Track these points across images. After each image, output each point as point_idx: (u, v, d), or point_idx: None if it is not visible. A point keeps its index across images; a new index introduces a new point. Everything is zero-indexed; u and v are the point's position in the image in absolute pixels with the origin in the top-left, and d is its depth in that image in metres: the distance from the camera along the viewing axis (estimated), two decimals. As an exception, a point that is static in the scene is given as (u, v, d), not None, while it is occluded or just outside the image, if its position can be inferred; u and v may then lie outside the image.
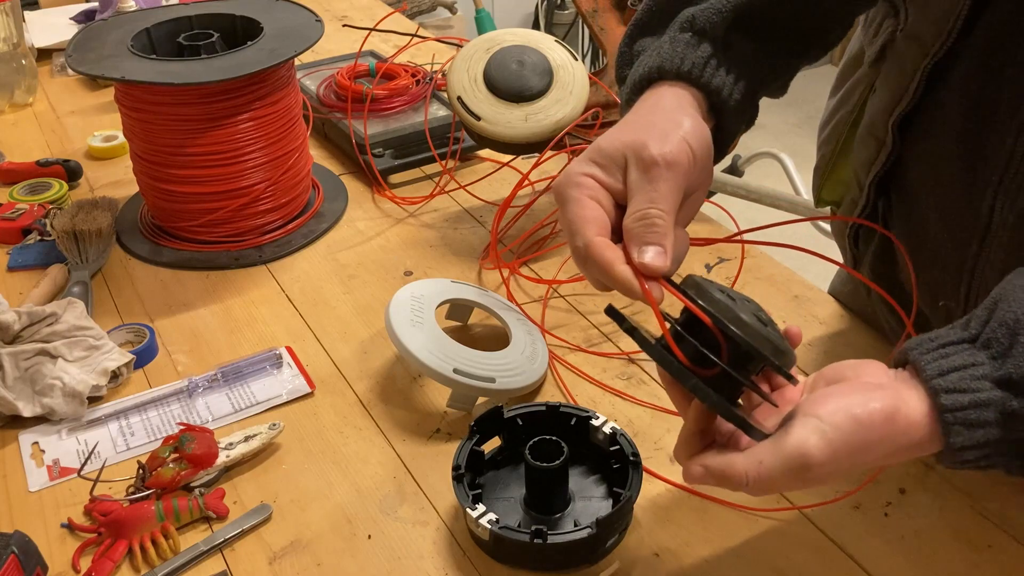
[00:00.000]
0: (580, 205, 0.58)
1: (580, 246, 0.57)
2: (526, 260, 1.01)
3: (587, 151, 0.61)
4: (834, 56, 4.01)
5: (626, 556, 0.68)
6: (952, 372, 0.52)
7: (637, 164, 0.58)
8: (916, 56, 0.71)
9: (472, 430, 0.73)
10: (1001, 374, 0.52)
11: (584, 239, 0.57)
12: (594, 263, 0.57)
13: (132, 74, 0.95)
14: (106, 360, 0.84)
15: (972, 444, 0.52)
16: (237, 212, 1.04)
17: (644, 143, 0.58)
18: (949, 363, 0.53)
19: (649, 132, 0.59)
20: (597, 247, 0.56)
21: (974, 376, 0.52)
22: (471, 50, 1.04)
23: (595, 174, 0.59)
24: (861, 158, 0.81)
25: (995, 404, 0.51)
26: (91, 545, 0.70)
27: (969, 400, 0.51)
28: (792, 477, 0.52)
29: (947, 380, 0.52)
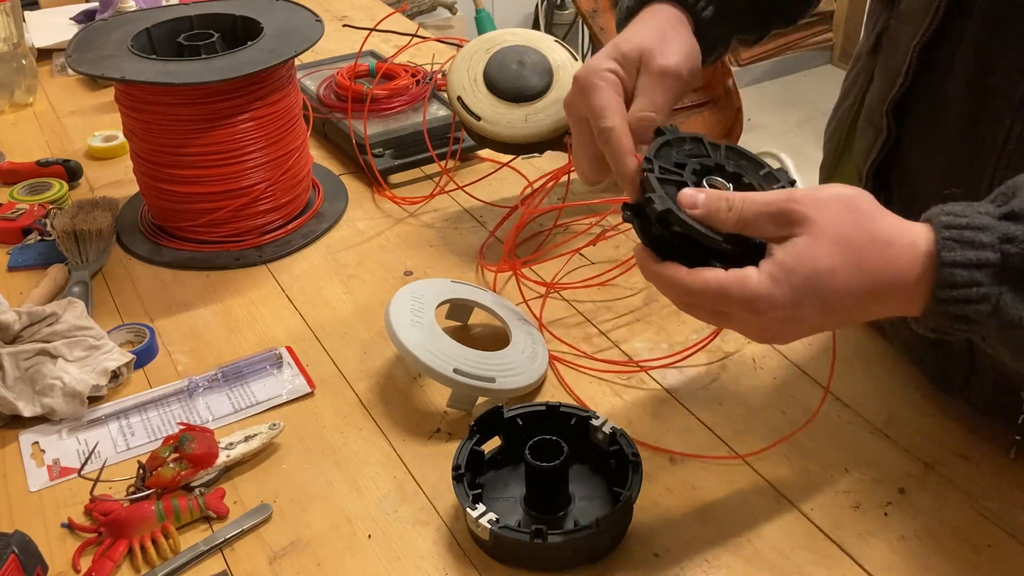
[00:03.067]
0: (607, 93, 0.68)
1: (607, 127, 0.66)
2: (527, 261, 1.01)
3: (607, 48, 0.71)
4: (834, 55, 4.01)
5: (626, 556, 0.68)
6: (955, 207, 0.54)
7: (647, 69, 0.69)
8: (908, 37, 0.72)
9: (472, 430, 0.73)
10: (1004, 210, 0.53)
11: (612, 122, 0.66)
12: (615, 146, 0.66)
13: (132, 74, 0.95)
14: (106, 360, 0.84)
15: (965, 261, 0.52)
16: (237, 212, 1.04)
17: (655, 51, 0.69)
18: (955, 207, 0.55)
19: (660, 43, 0.70)
20: (621, 133, 0.66)
21: (977, 210, 0.54)
22: (471, 50, 1.04)
23: (616, 70, 0.69)
24: (860, 148, 0.81)
25: (993, 228, 0.52)
26: (91, 545, 0.70)
27: (967, 222, 0.53)
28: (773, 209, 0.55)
29: (949, 207, 0.54)
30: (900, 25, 0.75)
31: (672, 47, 0.70)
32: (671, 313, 0.93)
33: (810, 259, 0.54)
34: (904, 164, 0.77)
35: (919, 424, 0.78)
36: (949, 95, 0.70)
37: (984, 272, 0.52)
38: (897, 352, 0.85)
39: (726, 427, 0.79)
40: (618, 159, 0.66)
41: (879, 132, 0.77)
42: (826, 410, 0.80)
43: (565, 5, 3.73)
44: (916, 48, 0.71)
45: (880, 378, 0.83)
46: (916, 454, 0.76)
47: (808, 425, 0.78)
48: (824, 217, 0.54)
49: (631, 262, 0.99)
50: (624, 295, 0.97)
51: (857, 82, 0.85)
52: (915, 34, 0.71)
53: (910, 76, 0.72)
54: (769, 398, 0.82)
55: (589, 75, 0.69)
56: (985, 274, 0.52)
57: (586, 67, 0.70)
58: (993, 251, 0.52)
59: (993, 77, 0.66)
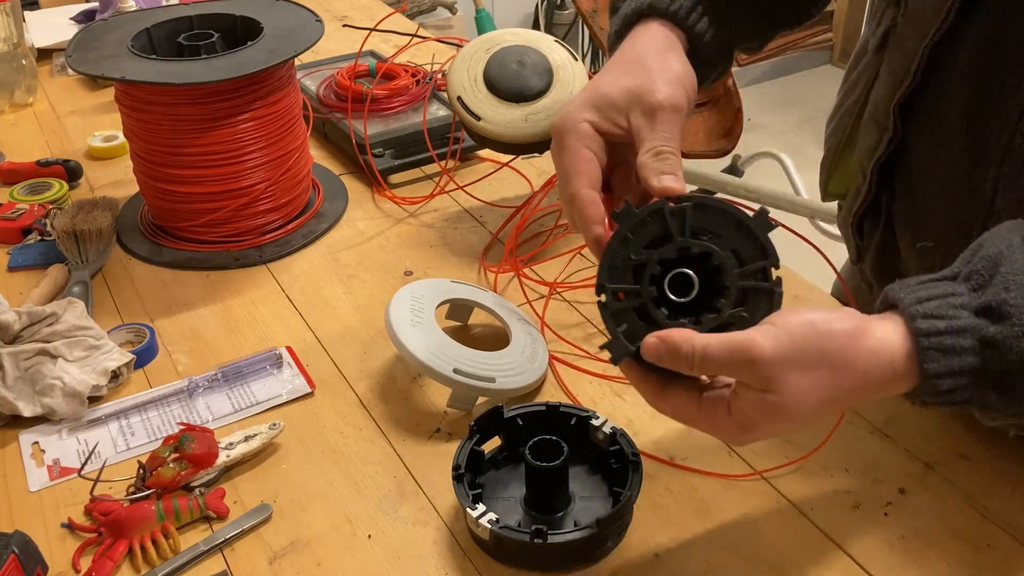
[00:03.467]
0: (577, 155, 0.63)
1: (569, 193, 0.62)
2: (528, 260, 1.01)
3: (587, 93, 0.65)
4: (834, 55, 4.01)
5: (626, 556, 0.68)
6: (930, 300, 0.53)
7: (642, 110, 0.63)
8: (917, 38, 0.72)
9: (472, 430, 0.73)
10: (980, 303, 0.52)
11: (574, 187, 0.62)
12: (577, 214, 0.62)
13: (132, 74, 0.95)
14: (106, 360, 0.84)
15: (947, 371, 0.51)
16: (237, 212, 1.04)
17: (649, 89, 0.63)
18: (928, 293, 0.53)
19: (649, 77, 0.64)
20: (583, 200, 0.62)
21: (952, 304, 0.52)
22: (471, 50, 1.04)
23: (594, 121, 0.64)
24: (864, 145, 0.81)
25: (972, 330, 0.51)
26: (91, 545, 0.70)
27: (946, 326, 0.52)
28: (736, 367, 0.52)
29: (924, 307, 0.52)
30: (908, 24, 0.75)
31: (665, 77, 0.64)
32: (671, 313, 0.93)
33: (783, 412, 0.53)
34: (909, 162, 0.77)
35: (919, 424, 0.78)
36: (955, 94, 0.70)
37: (967, 376, 0.52)
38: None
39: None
40: (584, 228, 0.62)
41: (884, 130, 0.76)
42: (826, 410, 0.80)
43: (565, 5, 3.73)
44: (926, 49, 0.71)
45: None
46: (916, 454, 0.76)
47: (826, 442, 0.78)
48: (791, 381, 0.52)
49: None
50: (624, 295, 0.96)
51: (861, 79, 0.85)
52: (925, 34, 0.70)
53: (919, 76, 0.72)
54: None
55: (561, 129, 0.64)
56: (968, 377, 0.52)
57: (561, 117, 0.64)
58: (974, 355, 0.51)
59: (1000, 78, 0.66)
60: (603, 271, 0.58)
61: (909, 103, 0.74)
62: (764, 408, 0.53)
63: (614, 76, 0.65)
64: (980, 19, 0.67)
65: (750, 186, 2.33)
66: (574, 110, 0.64)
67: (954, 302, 0.52)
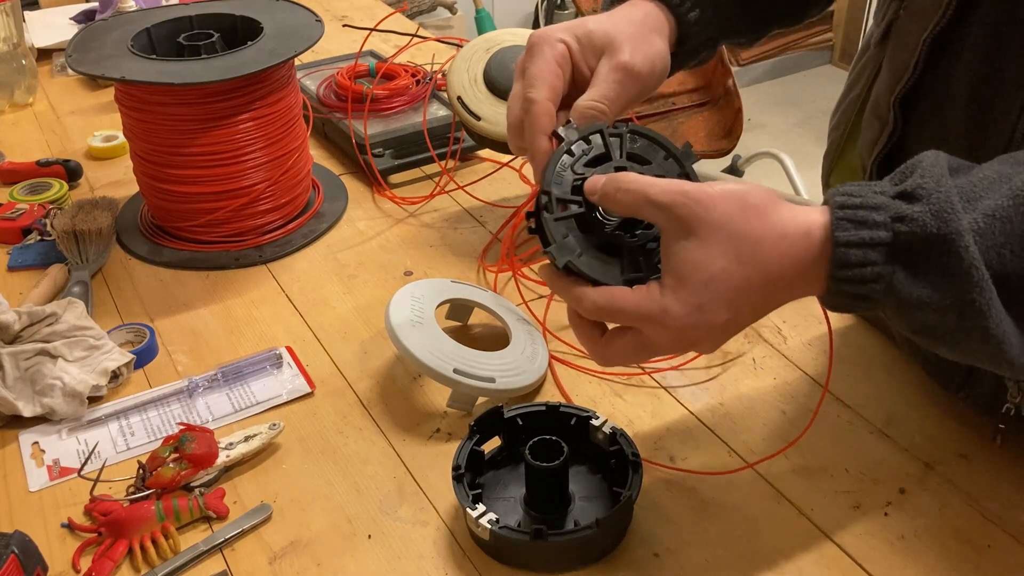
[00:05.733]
0: (547, 64, 0.64)
1: (530, 97, 0.63)
2: (527, 259, 1.01)
3: (574, 23, 0.67)
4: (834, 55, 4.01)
5: (626, 556, 0.68)
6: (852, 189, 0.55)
7: (608, 60, 0.65)
8: (917, 31, 0.72)
9: (472, 430, 0.73)
10: (897, 190, 0.54)
11: (537, 94, 0.63)
12: (532, 120, 0.63)
13: (132, 74, 0.95)
14: (106, 360, 0.84)
15: (858, 241, 0.52)
16: (237, 212, 1.04)
17: (623, 44, 0.65)
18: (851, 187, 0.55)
19: (630, 37, 0.66)
20: (541, 109, 0.63)
21: (872, 190, 0.54)
22: (471, 50, 1.04)
23: (571, 45, 0.66)
24: (866, 139, 0.81)
25: (886, 208, 0.53)
26: (91, 545, 0.70)
27: (861, 201, 0.53)
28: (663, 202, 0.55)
29: (845, 188, 0.55)
30: (910, 18, 0.75)
31: (642, 47, 0.67)
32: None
33: (704, 264, 0.54)
34: (909, 157, 0.77)
35: (919, 424, 0.78)
36: (956, 89, 0.70)
37: (877, 251, 0.53)
38: (897, 351, 0.85)
39: (726, 427, 0.79)
40: (532, 136, 0.63)
41: (885, 124, 0.77)
42: (826, 410, 0.80)
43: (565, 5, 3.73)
44: (926, 42, 0.71)
45: (880, 378, 0.83)
46: (916, 454, 0.76)
47: (809, 427, 0.78)
48: (714, 217, 0.54)
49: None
50: (624, 295, 0.96)
51: (864, 73, 0.85)
52: (925, 27, 0.70)
53: (919, 69, 0.72)
54: (769, 398, 0.82)
55: (539, 39, 0.66)
56: (878, 253, 0.53)
57: (542, 31, 0.66)
58: (885, 230, 0.52)
59: (1000, 72, 0.66)
60: (548, 178, 0.61)
61: (910, 97, 0.74)
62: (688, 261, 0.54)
63: (601, 19, 0.68)
64: (981, 13, 0.67)
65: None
66: (555, 28, 0.66)
67: (874, 188, 0.54)
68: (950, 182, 0.53)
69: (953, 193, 0.52)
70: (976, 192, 0.53)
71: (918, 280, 0.52)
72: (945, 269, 0.51)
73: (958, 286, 0.51)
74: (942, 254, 0.51)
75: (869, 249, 0.53)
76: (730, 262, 0.54)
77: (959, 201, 0.52)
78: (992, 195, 0.52)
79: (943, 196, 0.52)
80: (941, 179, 0.53)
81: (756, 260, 0.54)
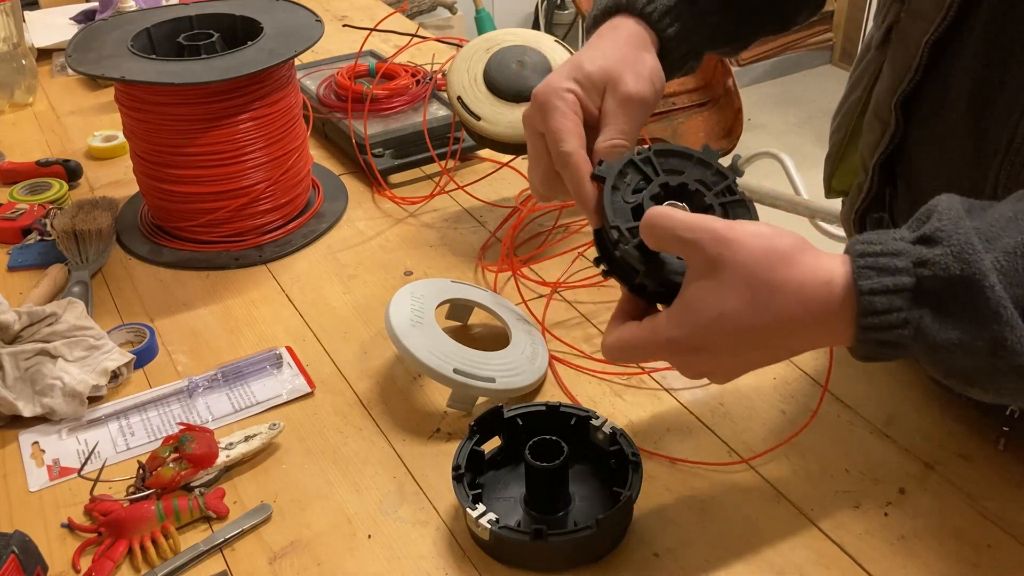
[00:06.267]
0: (566, 117, 0.66)
1: (565, 151, 0.65)
2: (527, 260, 1.01)
3: (569, 67, 0.68)
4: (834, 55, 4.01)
5: (626, 556, 0.68)
6: (871, 237, 0.55)
7: (614, 95, 0.67)
8: (918, 33, 0.72)
9: (472, 430, 0.73)
10: (916, 235, 0.54)
11: (569, 146, 0.65)
12: (573, 171, 0.65)
13: (132, 74, 0.95)
14: (106, 360, 0.84)
15: (882, 288, 0.53)
16: (237, 212, 1.04)
17: (622, 76, 0.67)
18: (870, 235, 0.55)
19: (624, 65, 0.68)
20: (579, 158, 0.65)
21: (891, 237, 0.55)
22: (471, 50, 1.04)
23: (577, 92, 0.67)
24: (867, 141, 0.81)
25: (907, 253, 0.53)
26: (91, 545, 0.70)
27: (882, 248, 0.54)
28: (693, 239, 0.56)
29: (864, 237, 0.55)
30: (911, 19, 0.75)
31: (638, 70, 0.68)
32: (671, 313, 0.93)
33: (714, 304, 0.55)
34: (911, 159, 0.77)
35: (919, 424, 0.78)
36: (958, 91, 0.70)
37: (902, 297, 0.53)
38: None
39: (726, 427, 0.79)
40: (577, 184, 0.65)
41: (886, 126, 0.77)
42: (826, 410, 0.80)
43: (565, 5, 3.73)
44: (927, 44, 0.71)
45: (880, 378, 0.83)
46: (916, 454, 0.76)
47: (807, 426, 0.78)
48: (739, 258, 0.55)
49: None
50: (624, 295, 0.96)
51: (865, 75, 0.85)
52: (926, 30, 0.70)
53: (920, 71, 0.72)
54: (769, 398, 0.82)
55: (548, 94, 0.67)
56: (903, 298, 0.53)
57: (545, 84, 0.68)
58: (908, 275, 0.53)
59: (1002, 74, 0.66)
60: (611, 214, 0.62)
61: (911, 99, 0.74)
62: (699, 296, 0.56)
63: (594, 56, 0.69)
64: (982, 15, 0.67)
65: (750, 186, 2.32)
66: (557, 80, 0.67)
67: (893, 235, 0.55)
68: (968, 223, 0.53)
69: (972, 234, 0.52)
70: (994, 231, 0.53)
71: (947, 323, 0.52)
72: (973, 310, 0.51)
73: (988, 326, 0.51)
74: (968, 295, 0.51)
75: (894, 295, 0.53)
76: (745, 304, 0.55)
77: (979, 241, 0.52)
78: (1010, 233, 0.52)
79: (963, 237, 0.52)
80: (959, 221, 0.53)
81: (771, 306, 0.55)
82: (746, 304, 0.55)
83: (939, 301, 0.53)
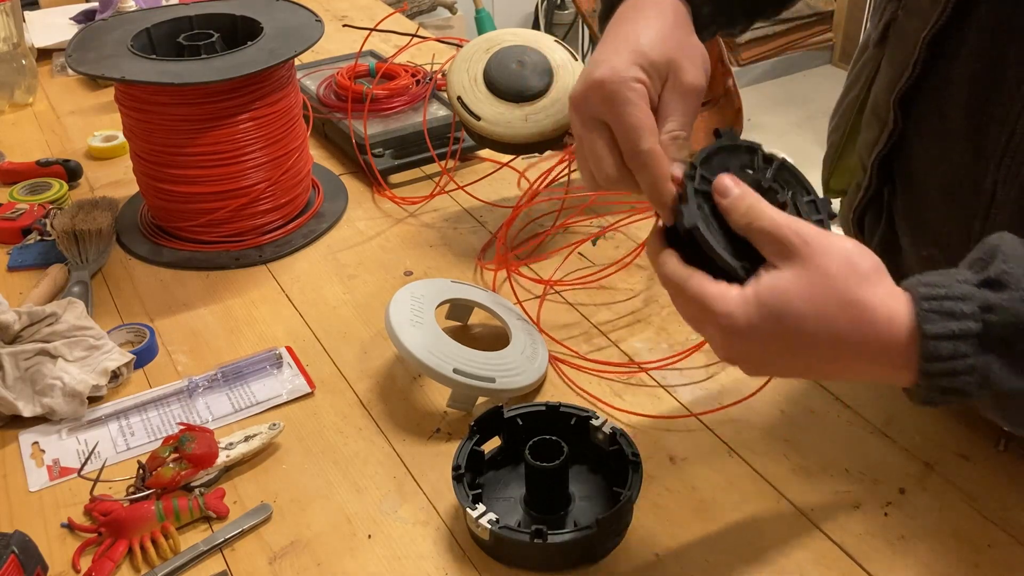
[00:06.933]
0: (641, 111, 0.62)
1: (645, 150, 0.62)
2: (523, 257, 1.01)
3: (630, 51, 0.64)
4: (834, 55, 4.01)
5: (626, 556, 0.68)
6: (934, 276, 0.54)
7: (675, 86, 0.64)
8: (916, 29, 0.72)
9: (472, 430, 0.73)
10: (981, 278, 0.53)
11: (649, 143, 0.62)
12: (653, 170, 0.62)
13: (132, 74, 0.95)
14: (106, 360, 0.84)
15: (947, 334, 0.51)
16: (237, 212, 1.04)
17: (682, 65, 0.64)
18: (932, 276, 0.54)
19: (682, 53, 0.64)
20: (660, 156, 0.62)
21: (955, 279, 0.53)
22: (471, 50, 1.04)
23: (644, 81, 0.63)
24: (865, 139, 0.81)
25: (973, 298, 0.52)
26: (91, 545, 0.70)
27: (947, 292, 0.52)
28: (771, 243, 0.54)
29: (927, 278, 0.54)
30: (908, 17, 0.75)
31: (693, 59, 0.65)
32: (671, 313, 0.93)
33: (785, 297, 0.53)
34: (909, 157, 0.77)
35: (919, 424, 0.78)
36: (956, 88, 0.70)
37: (968, 343, 0.51)
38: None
39: (726, 427, 0.79)
40: (657, 184, 0.62)
41: (885, 124, 0.77)
42: (826, 410, 0.80)
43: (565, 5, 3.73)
44: (925, 40, 0.71)
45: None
46: (916, 454, 0.76)
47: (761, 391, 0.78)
48: (818, 263, 0.53)
49: (628, 261, 0.99)
50: (624, 295, 0.97)
51: (863, 73, 0.85)
52: (923, 27, 0.70)
53: (918, 68, 0.72)
54: (769, 397, 0.82)
55: (619, 84, 0.62)
56: (969, 345, 0.51)
57: (611, 71, 0.63)
58: (974, 321, 0.51)
59: (1000, 71, 0.66)
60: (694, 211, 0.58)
61: (909, 96, 0.74)
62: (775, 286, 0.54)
63: (652, 39, 0.64)
64: (980, 12, 0.67)
65: (750, 186, 2.32)
66: (623, 66, 0.63)
67: (957, 276, 0.53)
68: None
69: None
70: None
71: (1015, 370, 0.51)
72: None
73: None
74: None
75: (960, 341, 0.51)
76: (808, 311, 0.53)
77: None
78: None
79: None
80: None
81: (834, 323, 0.53)
82: (811, 312, 0.53)
83: (1008, 347, 0.51)
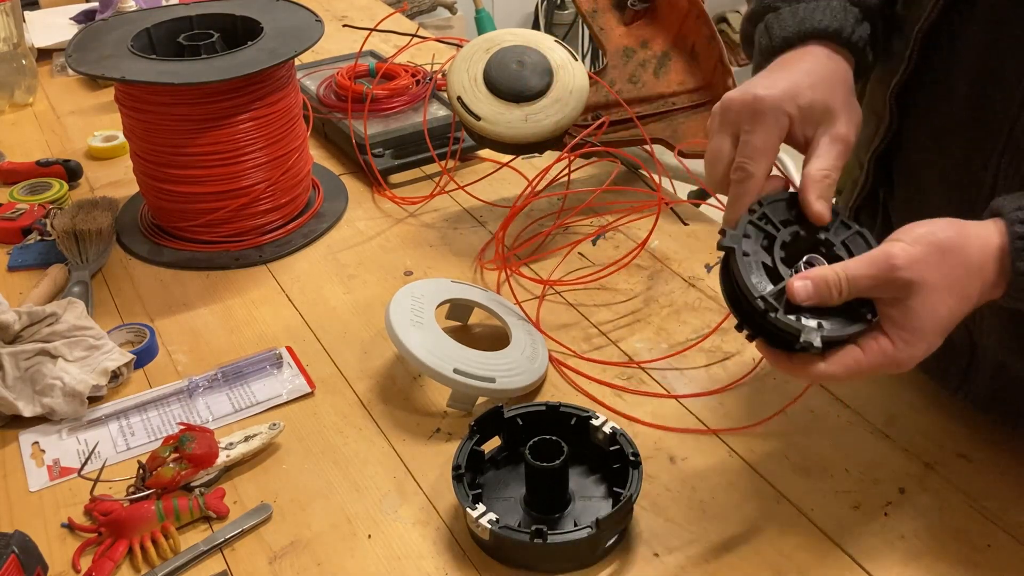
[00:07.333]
0: (772, 139, 0.66)
1: (749, 171, 0.66)
2: (525, 259, 1.01)
3: (793, 89, 0.67)
4: (834, 56, 4.00)
5: (626, 556, 0.68)
6: None
7: (829, 132, 0.67)
8: (911, 22, 0.72)
9: (472, 430, 0.73)
10: None
11: (754, 168, 0.66)
12: (740, 193, 0.66)
13: (132, 74, 0.95)
14: (106, 360, 0.84)
15: None
16: (237, 212, 1.04)
17: (839, 117, 0.68)
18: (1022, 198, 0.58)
19: (841, 106, 0.68)
20: (754, 186, 0.66)
21: None
22: (471, 50, 1.04)
23: (793, 118, 0.67)
24: (862, 136, 0.81)
25: None
26: (91, 545, 0.70)
27: None
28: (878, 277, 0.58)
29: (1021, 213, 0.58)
30: (903, 11, 0.75)
31: (850, 115, 0.69)
32: (671, 313, 0.93)
33: (932, 315, 0.59)
34: (907, 153, 0.77)
35: (919, 424, 0.78)
36: (954, 81, 0.70)
37: None
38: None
39: (726, 427, 0.79)
40: (735, 201, 0.66)
41: (881, 120, 0.76)
42: (826, 410, 0.80)
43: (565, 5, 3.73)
44: (919, 34, 0.71)
45: (880, 378, 0.83)
46: (916, 454, 0.76)
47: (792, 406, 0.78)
48: (927, 276, 0.58)
49: (627, 261, 0.99)
50: (624, 295, 0.97)
51: None
52: (918, 19, 0.70)
53: (913, 62, 0.72)
54: (769, 397, 0.82)
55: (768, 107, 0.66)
56: None
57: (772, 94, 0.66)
58: None
59: (998, 64, 0.66)
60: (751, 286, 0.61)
61: (906, 91, 0.74)
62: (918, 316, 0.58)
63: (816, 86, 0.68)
64: (974, 5, 0.67)
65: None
66: (783, 98, 0.66)
67: None
68: None
69: None
70: None
71: None
72: None
73: None
74: None
75: None
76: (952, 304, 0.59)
77: None
78: None
79: None
80: None
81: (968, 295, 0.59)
82: (954, 303, 0.59)
83: None
